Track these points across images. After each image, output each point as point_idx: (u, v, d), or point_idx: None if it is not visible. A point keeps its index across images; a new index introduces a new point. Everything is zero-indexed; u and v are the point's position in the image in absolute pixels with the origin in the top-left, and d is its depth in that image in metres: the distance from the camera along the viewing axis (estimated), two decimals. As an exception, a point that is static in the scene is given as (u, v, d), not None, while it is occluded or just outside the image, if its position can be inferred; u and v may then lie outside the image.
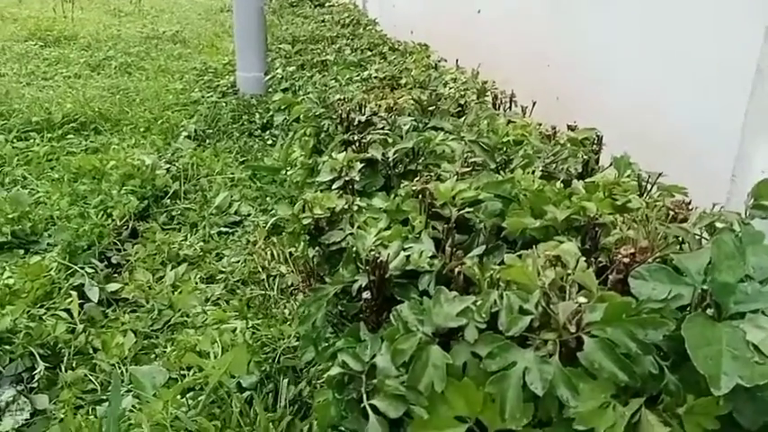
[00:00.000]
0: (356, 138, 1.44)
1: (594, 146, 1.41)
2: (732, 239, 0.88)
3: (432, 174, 1.23)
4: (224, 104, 4.92)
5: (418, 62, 2.57)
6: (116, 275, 2.67)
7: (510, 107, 1.91)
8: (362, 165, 1.29)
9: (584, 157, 1.35)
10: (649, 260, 0.90)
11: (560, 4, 2.13)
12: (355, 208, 1.12)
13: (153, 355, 2.23)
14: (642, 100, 1.61)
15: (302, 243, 1.12)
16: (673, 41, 1.51)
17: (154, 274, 2.67)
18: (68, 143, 4.16)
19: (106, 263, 2.72)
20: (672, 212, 1.03)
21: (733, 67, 1.17)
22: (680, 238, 0.97)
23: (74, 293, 2.37)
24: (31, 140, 4.10)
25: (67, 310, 2.34)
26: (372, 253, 0.94)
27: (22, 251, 2.78)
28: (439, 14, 3.47)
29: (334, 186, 1.22)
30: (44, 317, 2.29)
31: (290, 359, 2.08)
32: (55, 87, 5.33)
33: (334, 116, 1.63)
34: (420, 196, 1.11)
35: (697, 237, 0.97)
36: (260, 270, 2.71)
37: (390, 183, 1.31)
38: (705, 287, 0.82)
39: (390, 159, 1.34)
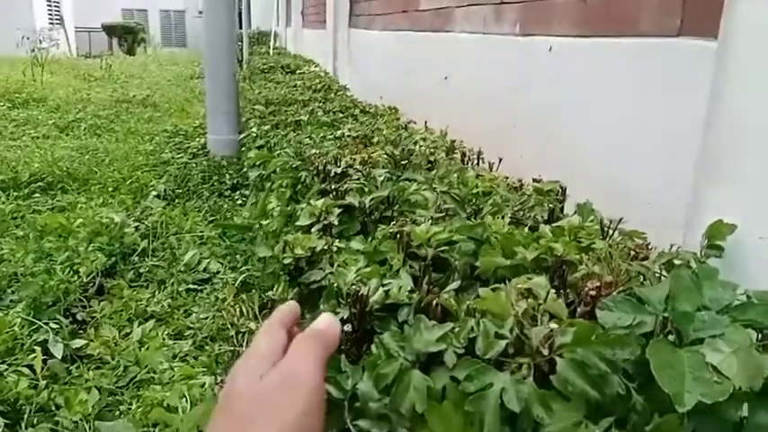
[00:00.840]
0: (333, 187, 1.49)
1: (559, 196, 1.49)
2: (689, 275, 0.94)
3: (407, 219, 1.29)
4: (194, 165, 4.97)
5: (389, 123, 2.67)
6: (81, 332, 2.62)
7: (478, 163, 2.01)
8: (340, 211, 1.34)
9: (550, 205, 1.42)
10: (614, 293, 0.96)
11: (520, 78, 2.27)
12: (335, 249, 1.16)
13: (118, 412, 2.17)
14: (602, 155, 1.72)
15: (282, 284, 1.15)
16: (622, 101, 1.63)
17: (120, 331, 2.63)
18: (35, 202, 4.13)
19: (71, 319, 2.67)
20: (633, 252, 1.10)
21: (681, 119, 1.28)
22: (641, 275, 1.03)
23: (38, 349, 2.32)
24: (-4, 199, 4.06)
25: (30, 367, 2.28)
26: (353, 287, 0.98)
27: (-17, 308, 2.71)
28: (407, 81, 3.63)
29: (313, 230, 1.27)
30: (5, 373, 2.22)
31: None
32: (23, 147, 5.31)
33: (310, 168, 1.69)
34: (397, 237, 1.16)
35: (657, 273, 1.04)
36: (229, 326, 2.69)
37: (367, 228, 1.36)
38: (666, 315, 0.88)
39: (367, 206, 1.40)
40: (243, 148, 4.01)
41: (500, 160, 1.88)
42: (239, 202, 4.36)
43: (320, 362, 0.67)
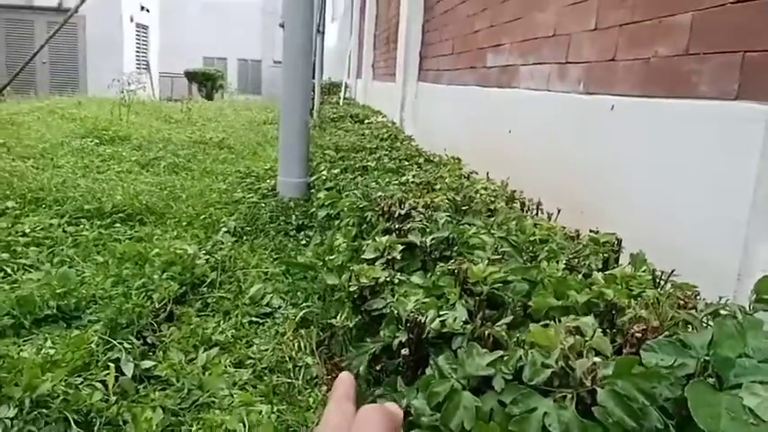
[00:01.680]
0: (396, 226, 1.59)
1: (614, 247, 1.54)
2: (733, 324, 0.99)
3: (465, 259, 1.37)
4: (263, 205, 5.19)
5: (451, 172, 2.77)
6: (150, 354, 2.78)
7: (537, 213, 2.07)
8: (402, 248, 1.44)
9: (605, 255, 1.48)
10: (659, 337, 1.01)
11: (581, 135, 2.34)
12: (396, 281, 1.25)
13: (179, 432, 2.29)
14: (658, 212, 1.76)
15: (346, 310, 1.25)
16: (679, 159, 1.68)
17: (186, 355, 2.77)
18: (115, 231, 4.41)
19: (142, 341, 2.84)
20: (681, 301, 1.15)
21: (734, 178, 1.33)
22: (688, 323, 1.08)
23: (111, 366, 2.48)
24: (81, 226, 4.37)
25: (103, 382, 2.44)
26: (412, 314, 1.06)
27: (64, 324, 2.92)
28: (472, 133, 3.75)
29: (376, 264, 1.37)
30: (80, 386, 2.39)
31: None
32: (107, 180, 5.69)
33: (376, 208, 1.80)
34: (455, 274, 1.24)
35: (703, 323, 1.08)
36: (287, 360, 2.79)
37: (426, 266, 1.45)
38: (708, 359, 0.92)
39: (428, 245, 1.49)
40: (312, 191, 4.18)
41: (558, 211, 1.94)
42: (303, 242, 4.52)
43: None
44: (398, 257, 1.38)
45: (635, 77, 1.99)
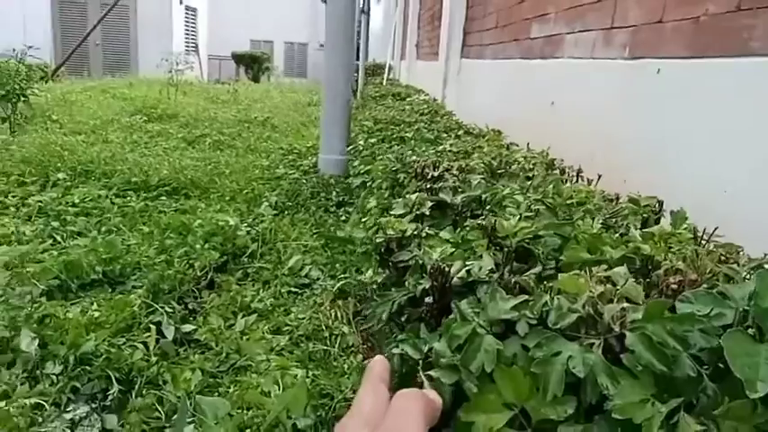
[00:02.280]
0: (428, 186, 1.57)
1: (655, 208, 1.48)
2: (778, 276, 0.93)
3: (495, 215, 1.34)
4: (304, 182, 5.23)
5: (491, 142, 2.72)
6: (191, 319, 2.84)
7: (577, 180, 2.02)
8: (433, 205, 1.42)
9: (644, 216, 1.42)
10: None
11: (626, 102, 2.26)
12: (424, 234, 1.23)
13: (216, 394, 2.33)
14: (706, 178, 1.68)
15: (373, 263, 1.23)
16: (726, 121, 1.60)
17: (225, 321, 2.82)
18: (161, 203, 4.52)
19: (183, 306, 2.90)
20: (723, 257, 1.09)
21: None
22: (729, 277, 1.02)
23: (152, 328, 2.54)
24: (129, 198, 4.49)
25: (144, 344, 2.50)
26: (437, 263, 1.04)
27: (109, 289, 3.01)
28: (514, 106, 3.67)
29: (405, 219, 1.35)
30: (123, 346, 2.46)
31: (347, 409, 2.14)
32: (154, 156, 5.82)
33: (409, 171, 1.78)
34: (483, 228, 1.22)
35: (745, 277, 1.03)
36: (323, 328, 2.81)
37: (457, 224, 1.42)
38: (747, 310, 0.87)
39: (459, 204, 1.46)
40: (350, 163, 4.18)
41: (599, 176, 1.89)
42: (343, 218, 4.54)
43: (423, 427, 0.60)
44: (428, 213, 1.35)
45: (683, 38, 1.91)
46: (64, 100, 8.61)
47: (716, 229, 1.22)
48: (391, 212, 1.39)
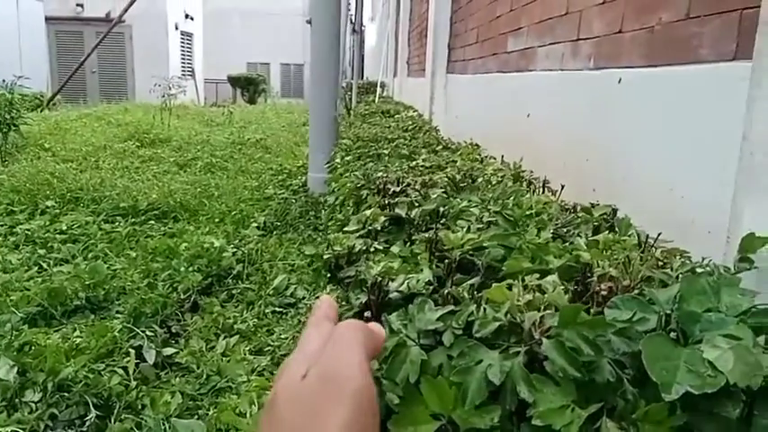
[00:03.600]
0: (387, 202, 1.59)
1: (608, 217, 1.50)
2: (707, 280, 0.95)
3: (449, 228, 1.35)
4: (293, 201, 5.26)
5: (466, 156, 2.74)
6: (173, 342, 2.84)
7: (543, 191, 2.03)
8: (386, 220, 1.43)
9: (596, 224, 1.44)
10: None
11: (592, 112, 2.29)
12: (372, 249, 1.24)
13: (196, 416, 2.33)
14: (661, 183, 1.70)
15: (323, 280, 1.25)
16: (679, 127, 1.62)
17: (207, 343, 2.83)
18: (149, 227, 4.54)
19: (165, 330, 2.91)
20: (660, 262, 1.10)
21: (724, 138, 1.27)
22: (663, 282, 1.03)
23: (132, 352, 2.55)
24: (117, 223, 4.51)
25: (125, 368, 2.51)
26: (376, 277, 1.05)
27: (93, 315, 3.02)
28: (492, 120, 3.70)
29: (357, 235, 1.36)
30: (103, 372, 2.46)
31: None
32: (144, 180, 5.86)
33: (372, 187, 1.80)
34: (430, 243, 1.23)
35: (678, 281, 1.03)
36: (306, 347, 2.81)
37: (412, 237, 1.43)
38: (669, 312, 0.88)
39: (415, 218, 1.47)
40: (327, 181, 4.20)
41: (562, 187, 1.90)
42: (331, 235, 4.55)
43: (365, 355, 0.57)
44: (379, 228, 1.37)
45: (640, 47, 1.93)
46: (58, 128, 8.68)
47: (659, 234, 1.23)
48: (344, 229, 1.41)
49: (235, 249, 3.92)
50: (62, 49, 18.52)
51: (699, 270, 1.04)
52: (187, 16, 21.31)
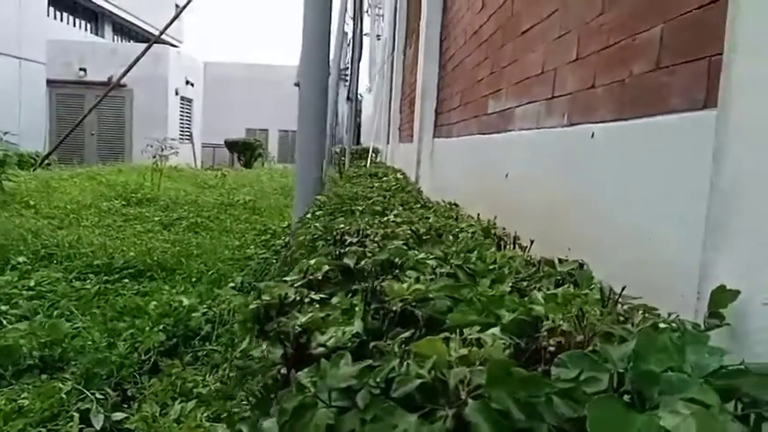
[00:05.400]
0: (337, 252, 1.47)
1: (573, 271, 1.38)
2: (670, 336, 0.83)
3: (398, 279, 1.24)
4: (274, 261, 5.11)
5: (440, 214, 2.65)
6: (126, 406, 2.66)
7: (514, 246, 1.92)
8: (333, 270, 1.32)
9: (558, 279, 1.32)
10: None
11: (567, 169, 2.21)
12: (308, 300, 1.12)
13: (139, 488, 2.13)
14: (633, 235, 1.60)
15: (249, 335, 1.12)
16: (651, 182, 1.54)
17: (162, 408, 2.64)
18: (122, 286, 4.39)
19: (119, 392, 2.72)
20: (622, 317, 0.98)
21: (696, 195, 1.17)
22: (622, 338, 0.91)
23: (76, 416, 2.37)
24: (88, 281, 4.36)
25: (67, 433, 2.32)
26: (298, 330, 0.93)
27: (45, 375, 2.84)
28: (474, 180, 3.63)
29: (296, 285, 1.24)
30: (42, 437, 2.28)
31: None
32: (124, 238, 5.73)
33: (329, 238, 1.69)
34: (370, 293, 1.11)
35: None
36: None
37: (355, 291, 1.31)
38: (622, 371, 0.76)
39: (366, 268, 1.36)
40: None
41: (531, 242, 1.80)
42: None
43: None
44: (323, 278, 1.25)
45: (612, 101, 1.87)
46: (47, 186, 8.61)
47: (624, 288, 1.11)
48: (284, 278, 1.29)
49: (206, 309, 3.76)
50: (63, 111, 18.73)
51: (663, 326, 0.91)
52: (188, 82, 21.72)
